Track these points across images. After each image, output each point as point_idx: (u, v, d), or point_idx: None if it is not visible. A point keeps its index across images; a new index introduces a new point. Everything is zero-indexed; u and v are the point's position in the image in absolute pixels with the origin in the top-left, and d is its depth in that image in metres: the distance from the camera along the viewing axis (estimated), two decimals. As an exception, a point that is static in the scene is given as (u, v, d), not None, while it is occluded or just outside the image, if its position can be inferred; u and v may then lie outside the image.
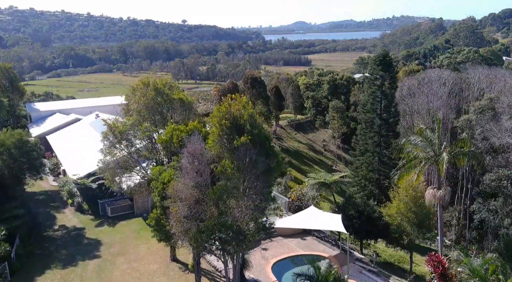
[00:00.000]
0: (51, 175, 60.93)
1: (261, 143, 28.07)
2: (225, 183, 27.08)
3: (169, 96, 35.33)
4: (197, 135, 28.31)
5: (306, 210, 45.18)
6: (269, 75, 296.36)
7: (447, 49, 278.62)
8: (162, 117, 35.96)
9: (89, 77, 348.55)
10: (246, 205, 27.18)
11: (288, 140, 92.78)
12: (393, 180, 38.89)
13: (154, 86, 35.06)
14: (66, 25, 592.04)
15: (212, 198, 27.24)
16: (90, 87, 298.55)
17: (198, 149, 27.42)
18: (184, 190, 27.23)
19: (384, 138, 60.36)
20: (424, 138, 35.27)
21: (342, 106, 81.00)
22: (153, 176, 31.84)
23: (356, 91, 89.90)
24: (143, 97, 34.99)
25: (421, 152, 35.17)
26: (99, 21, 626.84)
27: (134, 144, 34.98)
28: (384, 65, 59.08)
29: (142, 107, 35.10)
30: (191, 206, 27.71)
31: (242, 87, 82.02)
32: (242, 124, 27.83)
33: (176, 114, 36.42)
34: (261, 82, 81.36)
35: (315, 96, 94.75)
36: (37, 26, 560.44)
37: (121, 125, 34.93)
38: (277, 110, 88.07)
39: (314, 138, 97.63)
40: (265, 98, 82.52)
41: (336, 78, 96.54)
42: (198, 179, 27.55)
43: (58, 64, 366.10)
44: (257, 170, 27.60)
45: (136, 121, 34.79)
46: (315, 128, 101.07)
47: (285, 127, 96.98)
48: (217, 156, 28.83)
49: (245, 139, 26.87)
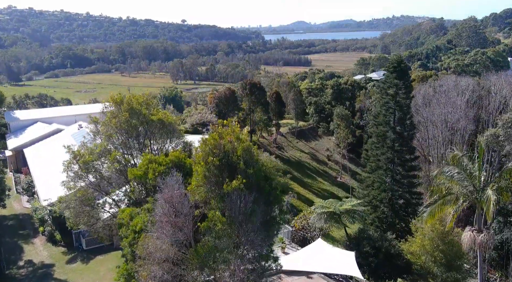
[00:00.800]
0: (25, 194, 53.86)
1: (259, 187, 21.00)
2: (213, 242, 20.04)
3: (147, 117, 28.27)
4: (175, 175, 21.20)
5: (313, 245, 38.20)
6: (269, 76, 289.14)
7: (450, 49, 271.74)
8: (138, 142, 28.91)
9: (87, 77, 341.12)
10: (240, 269, 20.19)
11: (289, 149, 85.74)
12: (421, 218, 31.70)
13: (129, 105, 28.00)
14: (65, 24, 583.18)
15: (195, 261, 20.23)
16: (88, 88, 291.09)
17: (176, 196, 20.35)
18: (158, 250, 20.23)
19: (398, 154, 53.24)
20: (462, 168, 28.19)
21: (347, 113, 73.87)
22: (123, 221, 24.79)
23: (362, 97, 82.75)
24: (114, 118, 27.95)
25: (458, 186, 28.08)
26: (98, 21, 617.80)
27: (104, 176, 27.95)
28: (398, 72, 51.90)
29: (113, 131, 28.06)
30: (168, 269, 20.71)
31: (240, 93, 74.98)
32: (235, 161, 20.75)
33: (155, 138, 29.36)
34: (261, 88, 74.29)
35: (318, 101, 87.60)
36: (36, 25, 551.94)
37: (87, 153, 27.93)
38: (277, 117, 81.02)
39: (317, 147, 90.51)
40: (265, 105, 75.46)
41: (340, 82, 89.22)
42: (177, 234, 20.54)
43: (56, 64, 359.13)
44: (254, 222, 20.57)
45: (105, 148, 27.80)
46: (317, 135, 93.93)
47: (286, 135, 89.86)
48: (203, 201, 21.80)
49: (239, 183, 19.83)
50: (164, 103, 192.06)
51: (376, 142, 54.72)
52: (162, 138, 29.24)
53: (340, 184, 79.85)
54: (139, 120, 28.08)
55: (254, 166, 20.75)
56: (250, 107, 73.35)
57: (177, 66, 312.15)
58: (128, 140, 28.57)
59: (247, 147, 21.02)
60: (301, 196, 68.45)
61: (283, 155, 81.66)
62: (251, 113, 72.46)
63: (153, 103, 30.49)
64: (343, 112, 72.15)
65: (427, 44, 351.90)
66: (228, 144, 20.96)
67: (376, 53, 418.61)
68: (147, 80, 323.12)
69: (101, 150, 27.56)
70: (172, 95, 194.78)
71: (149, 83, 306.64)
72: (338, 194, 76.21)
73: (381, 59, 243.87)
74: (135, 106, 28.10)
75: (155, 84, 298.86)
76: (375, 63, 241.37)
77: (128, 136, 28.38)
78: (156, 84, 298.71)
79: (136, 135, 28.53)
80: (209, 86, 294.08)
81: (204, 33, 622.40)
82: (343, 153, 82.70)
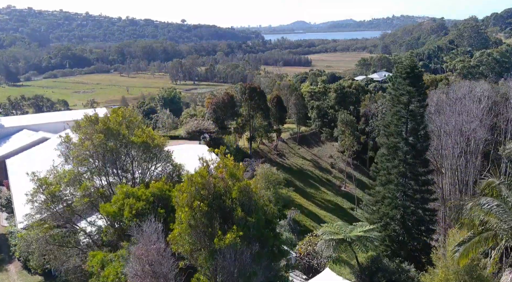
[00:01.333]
0: (5, 211, 49.08)
1: (261, 237, 16.22)
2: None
3: (128, 138, 23.35)
4: (153, 221, 16.43)
5: (320, 276, 33.50)
6: (269, 76, 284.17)
7: (451, 50, 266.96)
8: (116, 168, 24.11)
9: (86, 77, 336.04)
10: None
11: (290, 156, 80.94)
12: (454, 258, 26.86)
13: (104, 124, 23.04)
14: (65, 24, 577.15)
15: None
16: (86, 89, 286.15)
17: (153, 252, 15.58)
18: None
19: (410, 167, 48.48)
20: (502, 200, 23.47)
21: (352, 119, 69.04)
22: (93, 269, 20.03)
23: (367, 101, 77.85)
24: (87, 140, 23.13)
25: (498, 220, 23.37)
26: (98, 21, 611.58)
27: (74, 210, 23.17)
28: (412, 78, 47.02)
29: (86, 155, 23.29)
30: None
31: (240, 98, 70.17)
32: (229, 206, 15.96)
33: (138, 163, 24.49)
34: (261, 93, 69.50)
35: (320, 106, 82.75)
36: (35, 25, 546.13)
37: (55, 181, 23.19)
38: (278, 122, 76.28)
39: (320, 153, 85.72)
40: (265, 110, 70.72)
41: (344, 85, 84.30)
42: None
43: (55, 64, 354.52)
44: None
45: (75, 176, 23.06)
46: (320, 141, 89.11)
47: (287, 141, 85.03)
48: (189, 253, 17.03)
49: (234, 236, 15.06)
50: (163, 104, 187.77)
51: (386, 154, 49.95)
52: (146, 162, 24.46)
53: (345, 194, 75.24)
54: (118, 142, 23.28)
55: (254, 212, 16.02)
56: (250, 113, 68.63)
57: (176, 67, 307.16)
58: (104, 165, 23.80)
59: (244, 187, 16.25)
60: (304, 209, 63.73)
61: (284, 163, 76.96)
62: (251, 119, 67.72)
63: (137, 120, 25.56)
64: (347, 118, 67.32)
65: (427, 44, 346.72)
66: (220, 182, 16.24)
67: (376, 53, 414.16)
68: (146, 80, 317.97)
69: (70, 179, 22.86)
70: (171, 96, 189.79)
71: (148, 83, 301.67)
72: (343, 205, 71.61)
73: (382, 60, 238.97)
74: (113, 126, 23.22)
75: (154, 84, 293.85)
76: (376, 63, 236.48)
77: (104, 161, 23.60)
78: (155, 84, 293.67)
79: (114, 160, 23.75)
80: (208, 86, 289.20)
81: (204, 33, 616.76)
82: (348, 161, 78.00)
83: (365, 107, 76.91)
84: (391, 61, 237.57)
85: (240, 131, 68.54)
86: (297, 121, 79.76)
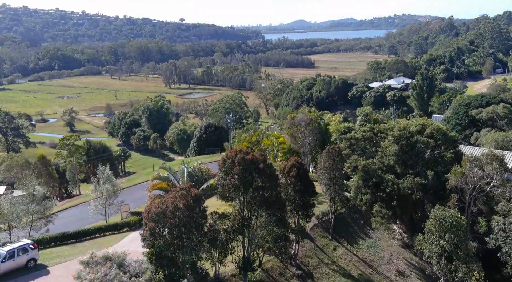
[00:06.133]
0: None
1: None
2: None
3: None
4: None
5: None
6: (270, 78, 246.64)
7: (473, 51, 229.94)
8: None
9: (74, 80, 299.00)
10: None
11: (322, 269, 40.85)
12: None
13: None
14: (60, 23, 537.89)
15: None
16: (72, 93, 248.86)
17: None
18: None
19: None
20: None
21: (461, 221, 31.34)
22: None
23: (466, 167, 39.29)
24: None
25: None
26: (94, 20, 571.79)
27: None
28: None
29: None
30: None
31: (221, 183, 31.35)
32: None
33: None
34: (266, 171, 31.11)
35: (368, 167, 45.02)
36: (29, 24, 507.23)
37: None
38: (301, 215, 37.20)
39: (373, 255, 45.83)
40: (275, 201, 31.56)
41: (412, 131, 44.95)
42: None
43: (43, 66, 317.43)
44: None
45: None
46: (370, 228, 49.19)
47: (313, 232, 45.39)
48: None
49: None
50: (148, 116, 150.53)
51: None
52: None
53: None
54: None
55: None
56: (246, 216, 30.69)
57: (170, 69, 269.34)
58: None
59: None
60: None
61: None
62: (247, 228, 30.23)
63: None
64: (448, 215, 30.37)
65: (438, 44, 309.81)
66: None
67: (382, 54, 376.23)
68: (138, 83, 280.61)
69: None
70: (158, 107, 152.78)
71: (140, 87, 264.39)
72: None
73: (398, 63, 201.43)
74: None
75: (146, 88, 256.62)
76: (391, 67, 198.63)
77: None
78: (146, 88, 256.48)
79: None
80: (205, 90, 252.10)
81: (203, 32, 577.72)
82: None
83: (458, 177, 38.43)
84: (408, 65, 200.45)
85: (223, 250, 30.99)
86: (329, 194, 41.48)
